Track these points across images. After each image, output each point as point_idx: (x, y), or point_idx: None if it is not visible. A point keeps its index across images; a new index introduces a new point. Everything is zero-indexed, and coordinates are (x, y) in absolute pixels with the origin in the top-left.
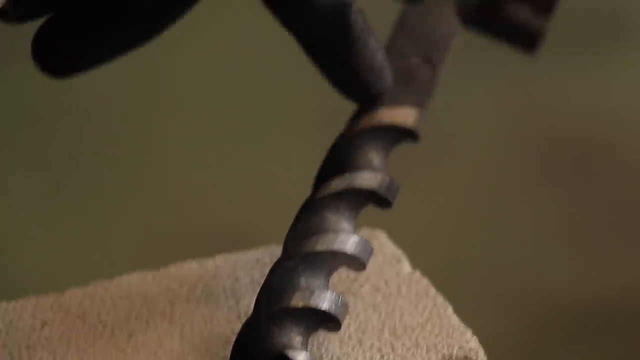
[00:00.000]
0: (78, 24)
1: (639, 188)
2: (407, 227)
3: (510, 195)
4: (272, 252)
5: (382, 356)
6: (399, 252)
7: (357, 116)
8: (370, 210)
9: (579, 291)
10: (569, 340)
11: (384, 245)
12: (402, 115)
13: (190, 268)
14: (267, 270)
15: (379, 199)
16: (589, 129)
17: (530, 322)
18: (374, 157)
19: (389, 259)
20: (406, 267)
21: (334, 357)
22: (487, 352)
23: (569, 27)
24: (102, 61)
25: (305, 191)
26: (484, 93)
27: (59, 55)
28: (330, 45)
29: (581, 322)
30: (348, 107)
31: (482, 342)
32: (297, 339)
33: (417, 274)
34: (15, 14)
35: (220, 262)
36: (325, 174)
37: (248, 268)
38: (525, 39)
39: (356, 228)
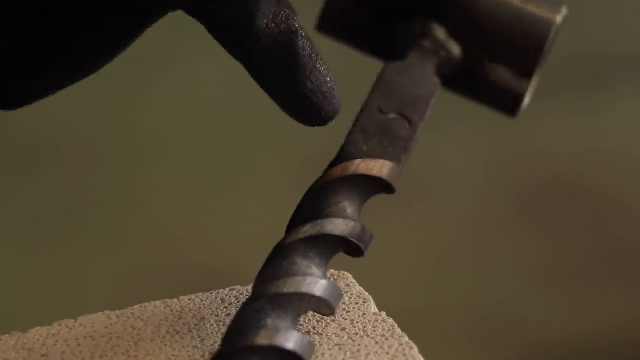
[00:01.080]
0: (23, 62)
1: (619, 231)
2: (373, 270)
3: (485, 236)
4: (238, 293)
5: None
6: (365, 294)
7: (333, 165)
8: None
9: (553, 332)
10: None
11: (350, 286)
12: (379, 167)
13: (155, 308)
14: (233, 311)
15: (351, 246)
16: (570, 173)
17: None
18: (348, 205)
19: (355, 300)
20: (372, 307)
21: None
22: None
23: (554, 71)
24: (48, 94)
25: (276, 236)
26: (463, 135)
27: (5, 90)
28: (279, 73)
29: None
30: (327, 155)
31: None
32: None
33: (383, 314)
34: None
35: (185, 302)
36: (297, 219)
37: (214, 308)
38: (506, 102)
39: (325, 274)
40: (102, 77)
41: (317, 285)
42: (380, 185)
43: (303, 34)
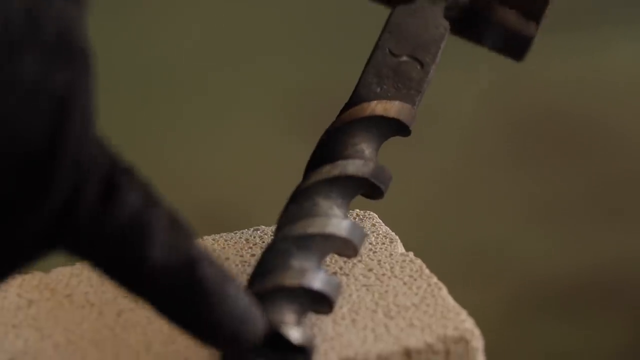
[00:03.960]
0: None
1: (617, 165)
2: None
3: (483, 173)
4: (262, 233)
5: (375, 336)
6: (391, 234)
7: (348, 106)
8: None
9: (557, 267)
10: (545, 313)
11: (376, 226)
12: (395, 108)
13: None
14: (257, 251)
15: (371, 187)
16: (567, 108)
17: (508, 296)
18: (365, 147)
19: (382, 240)
20: (399, 247)
21: (327, 337)
22: None
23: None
24: None
25: (296, 178)
26: (460, 72)
27: None
28: (183, 305)
29: (558, 295)
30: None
31: None
32: (290, 317)
33: (411, 254)
34: None
35: (209, 243)
36: (316, 161)
37: (238, 248)
38: (514, 46)
39: (347, 215)
40: (97, 15)
41: (341, 225)
42: (396, 127)
43: (206, 259)
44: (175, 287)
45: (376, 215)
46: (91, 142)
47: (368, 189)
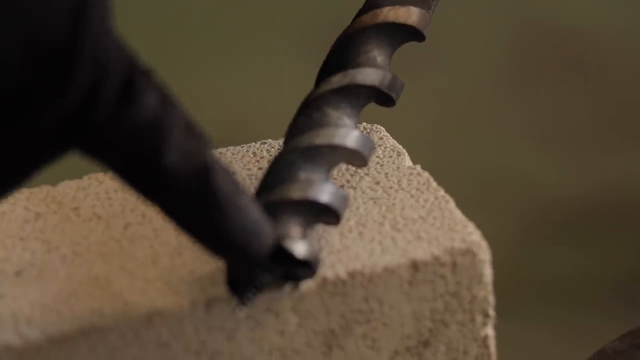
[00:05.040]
0: None
1: (625, 87)
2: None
3: (501, 97)
4: (269, 147)
5: (382, 249)
6: (399, 147)
7: (361, 13)
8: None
9: (564, 190)
10: (552, 236)
11: (384, 139)
12: (408, 14)
13: None
14: (264, 164)
15: (382, 95)
16: (577, 28)
17: (515, 219)
18: (377, 54)
19: (389, 153)
20: (407, 161)
21: (334, 250)
22: None
23: None
24: None
25: (307, 90)
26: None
27: None
28: (195, 213)
29: (565, 219)
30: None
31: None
32: (295, 230)
33: (418, 167)
34: None
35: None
36: (327, 70)
37: (245, 161)
38: None
39: (357, 125)
40: None
41: (349, 136)
42: (409, 33)
43: (220, 168)
44: (188, 193)
45: (383, 129)
46: (110, 40)
47: (378, 98)
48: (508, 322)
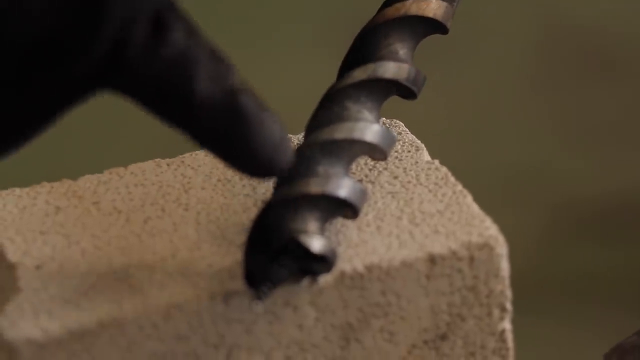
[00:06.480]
0: None
1: None
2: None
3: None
4: (293, 140)
5: (400, 243)
6: (417, 141)
7: (384, 6)
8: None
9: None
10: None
11: (402, 134)
12: (431, 7)
13: (205, 156)
14: None
15: (403, 89)
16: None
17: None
18: (400, 47)
19: (408, 148)
20: (425, 155)
21: (352, 244)
22: None
23: None
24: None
25: (329, 84)
26: None
27: None
28: (225, 132)
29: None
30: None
31: None
32: (313, 225)
33: (436, 162)
34: None
35: None
36: (349, 64)
37: None
38: None
39: (378, 119)
40: None
41: (369, 130)
42: (432, 26)
43: (245, 89)
44: (219, 115)
45: (402, 124)
46: None
47: (400, 91)
48: (530, 318)
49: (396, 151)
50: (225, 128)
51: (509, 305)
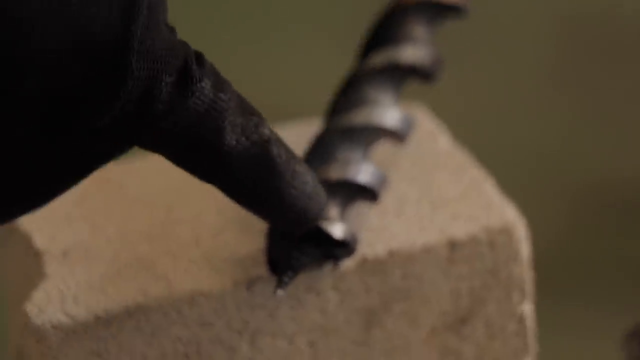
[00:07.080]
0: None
1: None
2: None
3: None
4: (309, 126)
5: (421, 227)
6: (438, 125)
7: None
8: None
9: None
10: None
11: (423, 118)
12: None
13: None
14: (304, 144)
15: (422, 73)
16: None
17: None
18: (419, 31)
19: (428, 132)
20: (445, 139)
21: (373, 229)
22: None
23: None
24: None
25: (347, 69)
26: None
27: None
28: (257, 184)
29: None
30: None
31: None
32: (333, 211)
33: (457, 146)
34: None
35: None
36: (367, 49)
37: (289, 142)
38: None
39: (397, 103)
40: None
41: (387, 114)
42: (451, 10)
43: (276, 140)
44: (250, 167)
45: (424, 107)
46: (162, 31)
47: (418, 75)
48: (553, 300)
49: (417, 135)
50: (256, 180)
51: (528, 288)
